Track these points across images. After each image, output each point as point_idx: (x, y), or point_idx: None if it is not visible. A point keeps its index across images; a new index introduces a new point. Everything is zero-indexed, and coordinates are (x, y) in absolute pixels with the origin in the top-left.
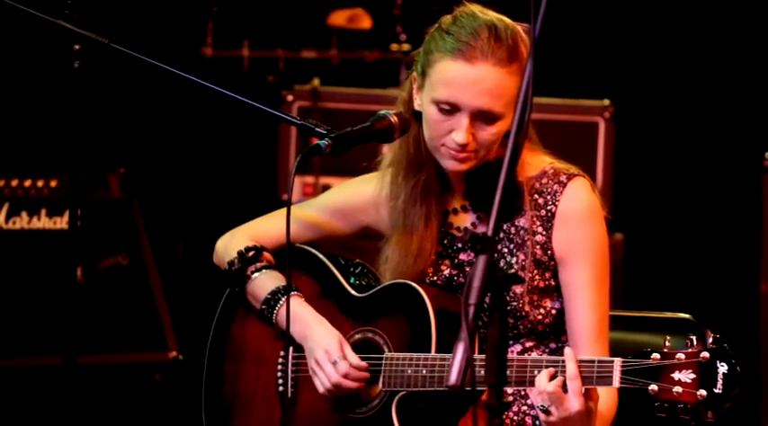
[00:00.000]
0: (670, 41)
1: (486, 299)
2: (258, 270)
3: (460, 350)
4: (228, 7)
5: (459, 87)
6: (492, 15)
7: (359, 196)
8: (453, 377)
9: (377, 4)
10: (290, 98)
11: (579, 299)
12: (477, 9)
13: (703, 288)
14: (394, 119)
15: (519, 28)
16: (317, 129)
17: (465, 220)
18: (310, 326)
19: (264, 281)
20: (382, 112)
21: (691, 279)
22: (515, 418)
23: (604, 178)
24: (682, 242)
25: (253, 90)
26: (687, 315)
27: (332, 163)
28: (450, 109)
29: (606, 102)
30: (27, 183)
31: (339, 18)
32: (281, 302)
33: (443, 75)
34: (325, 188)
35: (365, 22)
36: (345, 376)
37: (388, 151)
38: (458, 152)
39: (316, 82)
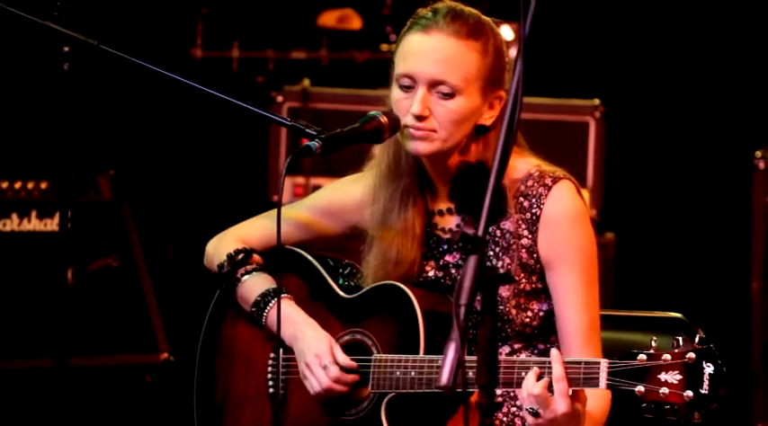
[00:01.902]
0: (660, 41)
1: (475, 303)
2: (248, 272)
3: (451, 350)
4: (218, 8)
5: (415, 57)
6: (462, 5)
7: (348, 196)
8: (445, 377)
9: (367, 5)
10: (279, 99)
11: (568, 303)
12: (450, 2)
13: (694, 287)
14: (384, 119)
15: (488, 18)
16: (307, 130)
17: (450, 222)
18: (300, 329)
19: (254, 284)
20: (372, 113)
21: (682, 278)
22: (505, 419)
23: (595, 177)
24: (673, 241)
25: (243, 91)
26: (679, 315)
27: (322, 164)
28: (409, 83)
29: (596, 101)
30: (17, 185)
31: (329, 18)
32: (270, 304)
33: (402, 51)
34: (316, 189)
35: (355, 23)
36: (336, 380)
37: (375, 152)
38: (416, 129)
39: (306, 82)
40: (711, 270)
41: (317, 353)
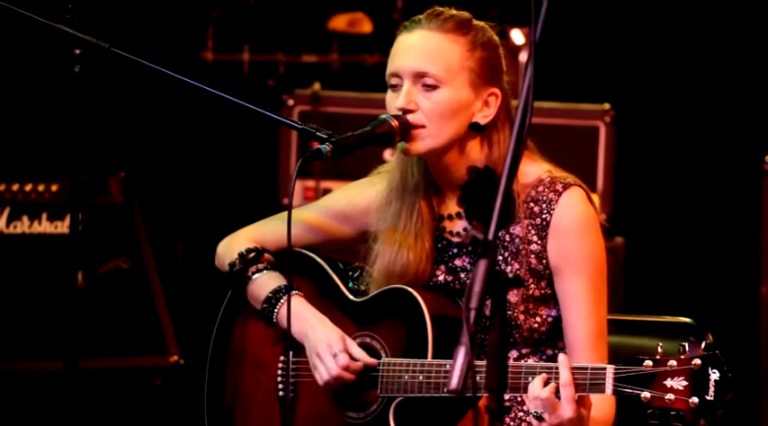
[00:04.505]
0: (670, 45)
1: (484, 310)
2: (259, 270)
3: (461, 354)
4: (229, 11)
5: (398, 55)
6: (452, 8)
7: (361, 199)
8: (455, 381)
9: (377, 9)
10: (290, 102)
11: (576, 309)
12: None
13: (704, 292)
14: (395, 122)
15: (481, 22)
16: (317, 134)
17: (459, 226)
18: (311, 325)
19: (265, 281)
20: (383, 116)
21: (691, 282)
22: (512, 424)
23: (605, 182)
24: (682, 245)
25: (253, 94)
26: (688, 319)
27: (332, 167)
28: (396, 82)
29: (607, 105)
30: (28, 188)
31: (340, 22)
32: (281, 301)
33: (390, 54)
34: (326, 192)
35: (366, 27)
36: (346, 368)
37: (387, 157)
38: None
39: (316, 86)
40: (721, 274)
41: (329, 343)
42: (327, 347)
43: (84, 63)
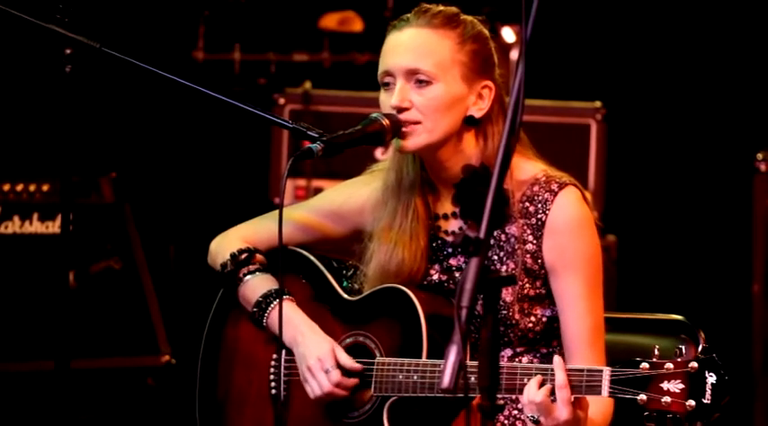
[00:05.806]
0: (661, 42)
1: (478, 307)
2: (251, 272)
3: (453, 352)
4: (220, 11)
5: (390, 53)
6: (439, 4)
7: (357, 198)
8: (446, 379)
9: (368, 7)
10: (281, 101)
11: (572, 309)
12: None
13: (696, 290)
14: (385, 121)
15: (470, 16)
16: (308, 133)
17: (454, 225)
18: (301, 332)
19: (256, 284)
20: (374, 115)
21: (683, 280)
22: (506, 422)
23: (596, 180)
24: (674, 243)
25: (244, 93)
26: (680, 317)
27: (324, 166)
28: (389, 81)
29: (598, 103)
30: (19, 187)
31: (330, 21)
32: (272, 306)
33: (381, 54)
34: (317, 191)
35: (357, 25)
36: (337, 385)
37: (385, 157)
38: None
39: (307, 85)
40: (713, 272)
41: (320, 357)
42: (318, 361)
43: (75, 63)
